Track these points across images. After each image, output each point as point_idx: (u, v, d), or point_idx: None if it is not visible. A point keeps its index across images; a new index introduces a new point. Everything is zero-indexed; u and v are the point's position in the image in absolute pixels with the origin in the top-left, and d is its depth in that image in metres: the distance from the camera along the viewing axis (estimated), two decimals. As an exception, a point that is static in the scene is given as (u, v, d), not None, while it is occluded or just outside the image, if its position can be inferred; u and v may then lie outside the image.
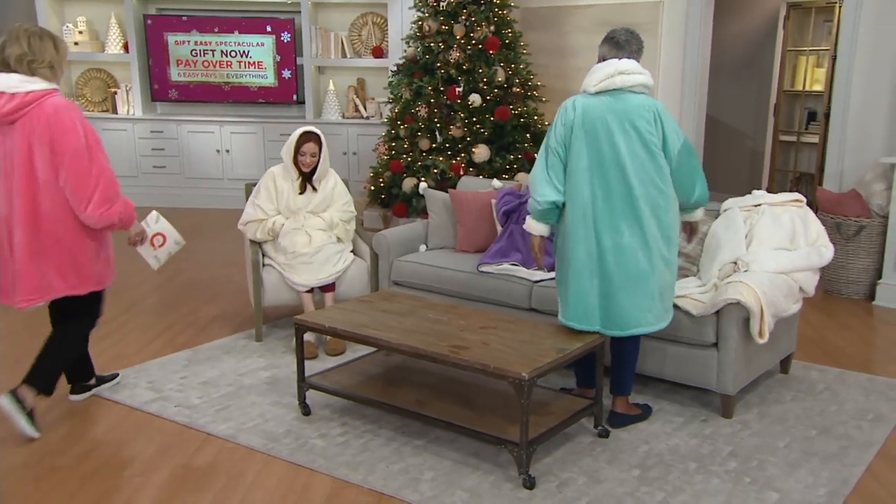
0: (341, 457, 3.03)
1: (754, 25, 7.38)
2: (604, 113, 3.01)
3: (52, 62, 3.10)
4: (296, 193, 4.20)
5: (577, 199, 3.06)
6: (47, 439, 3.15)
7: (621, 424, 3.27)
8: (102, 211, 3.10)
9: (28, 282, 3.09)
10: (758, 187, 7.15)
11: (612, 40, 3.12)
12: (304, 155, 4.14)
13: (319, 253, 4.14)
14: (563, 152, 3.08)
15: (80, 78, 7.92)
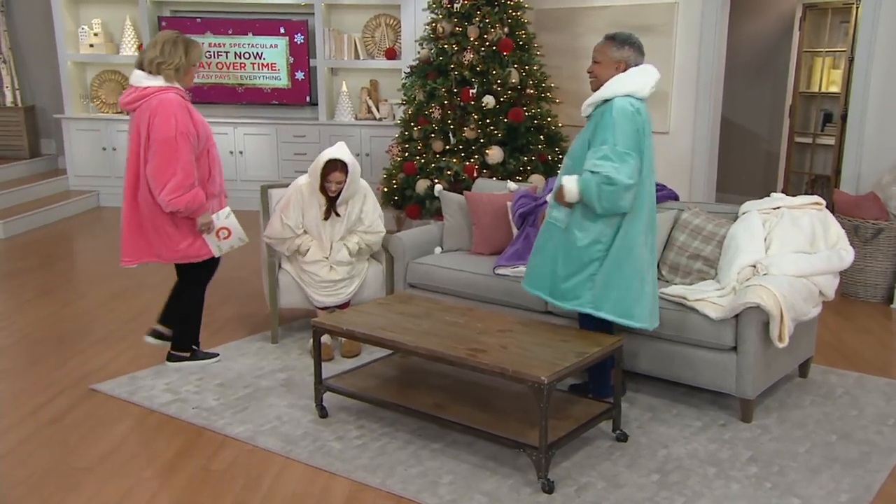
0: (359, 460, 3.03)
1: (769, 26, 7.34)
2: (647, 117, 3.16)
3: (179, 66, 3.59)
4: (321, 218, 4.08)
5: (643, 200, 3.14)
6: (67, 441, 3.17)
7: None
8: (173, 197, 3.53)
9: (126, 246, 3.76)
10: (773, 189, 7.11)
11: (635, 45, 3.17)
12: (329, 183, 3.98)
13: (341, 281, 4.12)
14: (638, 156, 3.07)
15: (95, 80, 7.96)
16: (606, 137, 3.05)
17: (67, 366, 3.92)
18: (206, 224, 3.68)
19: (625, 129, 3.04)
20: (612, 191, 3.01)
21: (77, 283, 5.39)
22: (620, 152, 3.02)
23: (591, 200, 3.07)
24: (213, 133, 3.76)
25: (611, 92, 3.10)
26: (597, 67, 3.20)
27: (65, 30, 7.68)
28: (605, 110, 3.10)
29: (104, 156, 7.84)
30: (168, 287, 5.27)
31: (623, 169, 3.01)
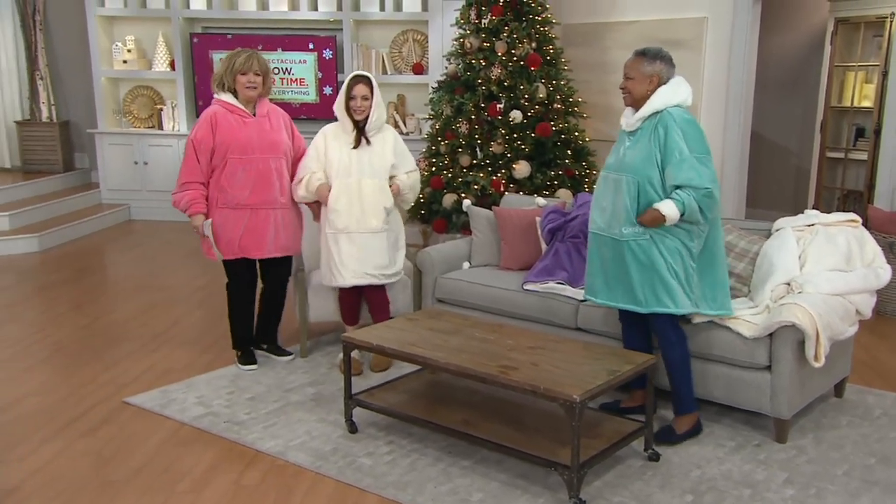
0: (389, 476, 3.02)
1: (800, 40, 7.28)
2: None
3: (219, 77, 3.87)
4: (349, 148, 3.89)
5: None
6: (102, 453, 3.20)
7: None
8: (174, 194, 3.89)
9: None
10: (803, 205, 7.02)
11: (666, 59, 3.22)
12: (354, 98, 3.82)
13: (369, 238, 3.88)
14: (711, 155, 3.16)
15: (128, 95, 8.09)
16: (682, 148, 3.06)
17: (100, 379, 3.96)
18: (195, 227, 3.88)
19: (694, 135, 3.09)
20: (712, 203, 3.08)
21: (109, 296, 5.46)
22: (701, 158, 3.07)
23: (695, 217, 3.08)
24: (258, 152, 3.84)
25: (662, 103, 3.12)
26: (630, 83, 3.20)
27: (99, 47, 7.83)
28: (662, 123, 3.10)
29: (135, 170, 7.96)
30: (198, 299, 5.34)
31: (709, 175, 3.07)
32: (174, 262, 6.44)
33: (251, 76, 3.80)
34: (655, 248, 3.13)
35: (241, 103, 3.86)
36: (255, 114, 3.89)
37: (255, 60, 3.81)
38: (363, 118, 3.89)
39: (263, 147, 3.85)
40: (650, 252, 3.14)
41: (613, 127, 6.51)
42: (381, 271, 3.96)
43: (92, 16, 7.75)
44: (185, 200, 3.82)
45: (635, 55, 3.23)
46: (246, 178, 3.82)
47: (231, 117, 3.83)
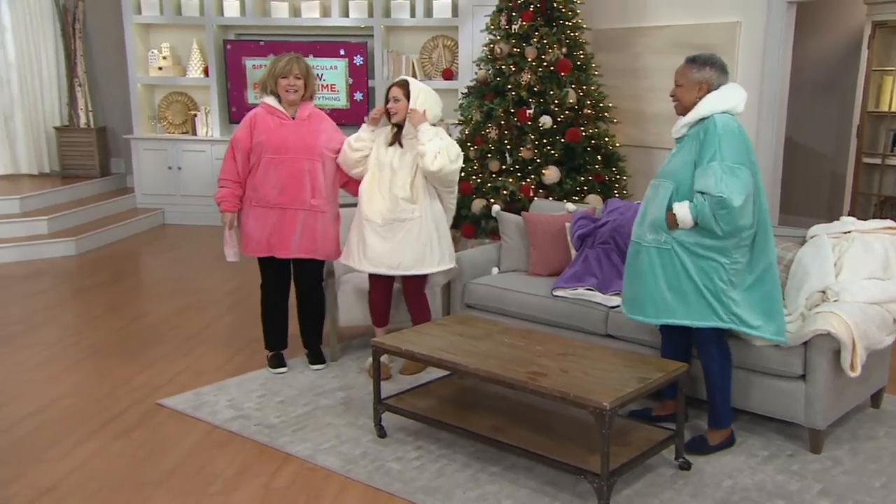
0: (418, 481, 3.03)
1: (836, 44, 7.16)
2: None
3: (263, 81, 3.99)
4: (386, 144, 3.93)
5: (767, 212, 3.12)
6: (136, 454, 3.25)
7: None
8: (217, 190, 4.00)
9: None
10: (839, 211, 6.89)
11: (717, 65, 3.15)
12: (388, 101, 3.90)
13: (397, 229, 3.83)
14: (750, 169, 3.03)
15: (163, 101, 8.23)
16: (714, 154, 2.99)
17: (135, 380, 4.02)
18: (225, 220, 3.99)
19: (731, 143, 2.99)
20: (726, 213, 2.94)
21: (143, 299, 5.55)
22: (731, 167, 2.96)
23: (708, 225, 2.99)
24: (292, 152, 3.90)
25: (708, 109, 3.06)
26: (679, 90, 3.15)
27: (136, 54, 7.98)
28: (704, 128, 3.05)
29: (169, 175, 8.08)
30: (230, 302, 5.41)
31: (735, 185, 2.94)
32: (206, 265, 6.52)
33: (291, 79, 3.87)
34: (677, 259, 3.07)
35: (283, 106, 3.92)
36: (294, 117, 3.94)
37: (294, 64, 3.88)
38: (399, 121, 3.89)
39: (298, 148, 3.89)
40: (671, 262, 3.09)
41: (644, 132, 6.52)
42: (410, 260, 3.86)
43: (129, 23, 7.90)
44: (218, 197, 3.97)
45: (686, 62, 3.18)
46: (276, 177, 3.88)
47: (270, 119, 3.91)
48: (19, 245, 6.56)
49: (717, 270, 3.05)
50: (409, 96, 3.86)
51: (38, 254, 6.59)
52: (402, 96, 3.86)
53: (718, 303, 3.06)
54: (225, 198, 3.95)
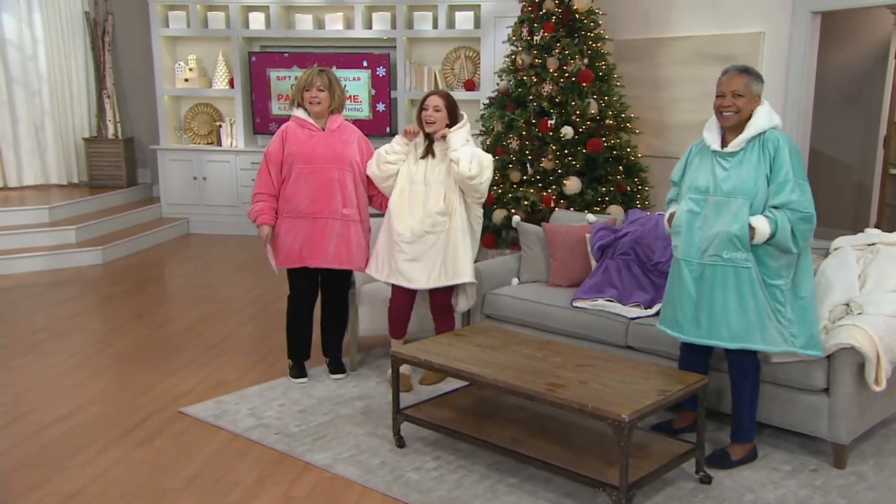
0: (436, 492, 3.03)
1: (862, 55, 7.08)
2: None
3: (295, 95, 4.05)
4: (417, 157, 3.92)
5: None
6: (157, 461, 3.28)
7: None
8: (251, 207, 4.05)
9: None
10: (864, 222, 6.80)
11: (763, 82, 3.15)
12: (426, 109, 3.85)
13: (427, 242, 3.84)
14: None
15: (189, 112, 8.35)
16: (790, 169, 3.00)
17: (158, 388, 4.07)
18: (263, 235, 4.01)
19: (798, 160, 3.05)
20: (809, 229, 3.01)
21: (167, 307, 5.62)
22: (801, 183, 3.01)
23: (785, 240, 2.98)
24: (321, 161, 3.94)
25: (764, 125, 3.06)
26: (742, 101, 3.07)
27: (163, 66, 8.11)
28: (770, 142, 3.03)
29: (195, 185, 8.19)
30: (251, 312, 5.46)
31: (811, 201, 3.02)
32: (229, 274, 6.59)
33: (314, 91, 3.92)
34: (755, 279, 3.02)
35: (311, 118, 3.97)
36: (324, 128, 3.98)
37: (315, 77, 3.94)
38: (435, 131, 3.88)
39: (328, 158, 3.94)
40: (748, 281, 3.03)
41: (666, 143, 6.49)
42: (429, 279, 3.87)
43: (156, 36, 8.04)
44: (255, 211, 4.00)
45: (738, 72, 3.09)
46: (307, 186, 3.93)
47: (301, 131, 3.97)
48: (48, 254, 6.68)
49: (775, 292, 3.05)
50: (449, 110, 3.86)
51: (65, 262, 6.70)
52: (443, 107, 3.85)
53: (781, 325, 3.05)
54: (262, 211, 3.97)
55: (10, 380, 4.19)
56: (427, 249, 3.87)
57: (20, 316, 5.37)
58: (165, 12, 8.10)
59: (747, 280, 3.03)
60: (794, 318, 3.06)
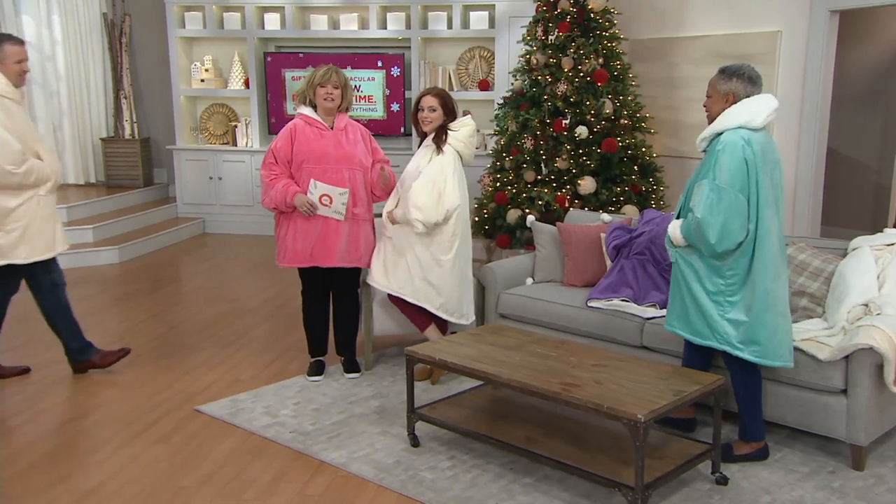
0: (450, 491, 3.02)
1: (880, 54, 7.01)
2: (767, 147, 3.05)
3: (301, 92, 4.00)
4: (426, 160, 3.97)
5: (769, 234, 3.02)
6: (174, 459, 3.30)
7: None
8: (263, 201, 4.00)
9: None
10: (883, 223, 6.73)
11: (744, 76, 3.09)
12: (422, 110, 3.93)
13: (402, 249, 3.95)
14: (745, 192, 2.98)
15: (204, 112, 8.39)
16: (708, 172, 3.02)
17: (174, 387, 4.09)
18: (303, 204, 3.87)
19: (726, 164, 2.96)
20: (696, 233, 3.01)
21: (183, 306, 5.65)
22: (717, 186, 2.96)
23: (694, 243, 3.06)
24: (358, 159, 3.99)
25: (722, 125, 3.05)
26: (709, 101, 3.16)
27: (179, 67, 8.16)
28: (715, 144, 3.05)
29: (210, 185, 8.23)
30: (266, 311, 5.48)
31: (715, 206, 2.94)
32: (244, 274, 6.62)
33: (329, 88, 3.91)
34: (680, 274, 3.16)
35: (320, 116, 3.97)
36: (332, 127, 3.98)
37: (333, 74, 3.93)
38: (432, 130, 3.93)
39: (339, 158, 3.94)
40: (676, 275, 3.19)
41: (681, 143, 6.45)
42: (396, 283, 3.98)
43: (173, 37, 8.09)
44: (279, 191, 3.88)
45: (717, 72, 3.18)
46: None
47: (309, 129, 3.96)
48: (65, 253, 6.69)
49: (712, 290, 3.07)
50: (445, 107, 3.91)
51: (83, 261, 6.76)
52: (438, 106, 3.91)
53: (712, 321, 3.08)
54: (286, 185, 3.88)
55: (28, 377, 4.23)
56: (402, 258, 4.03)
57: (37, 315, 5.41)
58: (182, 13, 8.14)
59: (677, 275, 3.18)
60: (735, 319, 3.04)
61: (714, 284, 3.06)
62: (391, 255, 4.00)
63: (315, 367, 4.20)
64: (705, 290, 3.08)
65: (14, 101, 3.90)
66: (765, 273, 3.01)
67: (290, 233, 3.98)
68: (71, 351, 4.22)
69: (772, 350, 3.05)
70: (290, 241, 3.99)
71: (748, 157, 2.96)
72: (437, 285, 3.96)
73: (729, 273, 3.04)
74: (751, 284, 3.02)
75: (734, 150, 2.96)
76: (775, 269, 3.03)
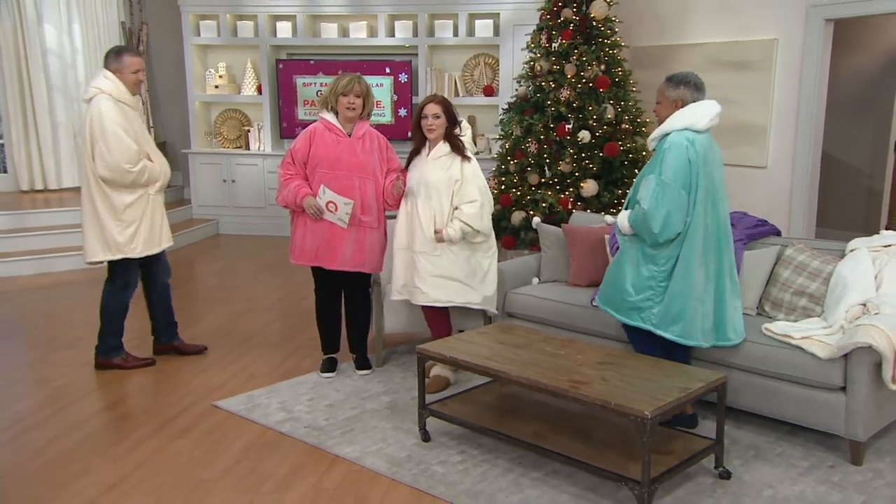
0: (461, 485, 3.01)
1: (872, 61, 6.99)
2: (709, 148, 3.24)
3: (324, 98, 4.01)
4: (423, 166, 3.89)
5: (698, 228, 3.20)
6: (193, 453, 3.29)
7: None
8: (277, 199, 4.02)
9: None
10: (875, 224, 6.72)
11: (690, 84, 3.30)
12: (426, 118, 3.84)
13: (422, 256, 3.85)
14: (687, 188, 3.17)
15: (219, 117, 8.39)
16: (655, 169, 3.21)
17: (192, 383, 4.08)
18: (311, 207, 3.87)
19: (671, 163, 3.16)
20: (641, 224, 3.20)
21: (198, 305, 5.64)
22: (662, 182, 3.16)
23: (639, 233, 3.25)
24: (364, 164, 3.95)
25: (669, 127, 3.24)
26: (658, 107, 3.37)
27: (194, 73, 8.16)
28: (662, 144, 3.25)
29: (224, 187, 8.23)
30: (279, 310, 5.47)
31: (660, 199, 3.14)
32: (257, 273, 6.61)
33: (351, 97, 3.89)
34: (623, 259, 3.36)
35: (340, 123, 3.95)
36: (350, 134, 3.97)
37: (356, 83, 3.91)
38: (436, 138, 3.89)
39: (351, 165, 3.92)
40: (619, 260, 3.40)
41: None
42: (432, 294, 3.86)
43: (188, 45, 8.08)
44: (291, 191, 3.89)
45: (664, 80, 3.35)
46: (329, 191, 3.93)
47: (328, 135, 3.95)
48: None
49: (646, 276, 3.27)
50: (448, 114, 3.88)
51: (102, 261, 6.74)
52: (442, 113, 3.86)
53: (640, 303, 3.29)
54: (299, 186, 3.88)
55: (53, 373, 4.23)
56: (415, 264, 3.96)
57: (61, 312, 5.42)
58: (197, 22, 8.14)
59: (619, 259, 3.39)
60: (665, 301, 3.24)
61: (648, 270, 3.27)
62: (431, 268, 3.86)
63: (328, 363, 4.19)
64: (640, 276, 3.29)
65: (131, 107, 4.10)
66: (691, 262, 3.21)
67: (301, 231, 3.99)
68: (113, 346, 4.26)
69: (689, 331, 3.24)
70: (299, 239, 4.00)
71: (691, 157, 3.16)
72: (486, 283, 3.97)
73: (662, 261, 3.24)
74: (677, 272, 3.22)
75: (679, 150, 3.16)
76: (699, 259, 3.22)
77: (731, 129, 6.06)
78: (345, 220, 3.92)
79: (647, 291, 3.27)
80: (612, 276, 3.43)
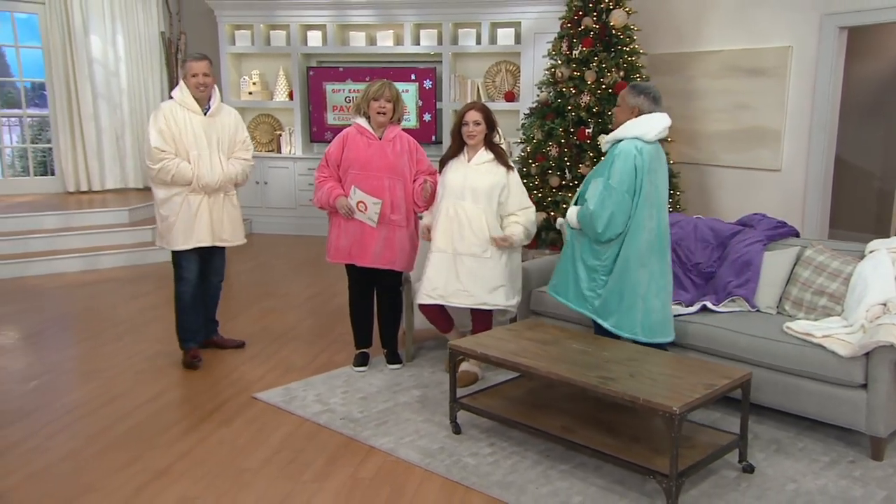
0: (492, 476, 2.99)
1: (884, 68, 6.86)
2: (655, 158, 3.33)
3: (356, 104, 4.01)
4: (465, 169, 3.85)
5: (640, 227, 3.30)
6: (235, 442, 3.30)
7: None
8: (313, 200, 4.09)
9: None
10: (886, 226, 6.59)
11: (650, 95, 3.37)
12: (467, 124, 3.81)
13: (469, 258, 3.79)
14: (632, 193, 3.26)
15: (252, 122, 8.41)
16: (604, 172, 3.31)
17: (232, 375, 4.09)
18: (343, 207, 3.90)
19: (620, 168, 3.25)
20: (587, 222, 3.31)
21: (234, 302, 5.65)
22: (609, 185, 3.26)
23: (585, 229, 3.37)
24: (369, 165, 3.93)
25: (622, 134, 3.32)
26: (617, 110, 3.43)
27: (230, 80, 8.18)
28: (614, 149, 3.33)
29: (257, 189, 8.25)
30: (311, 306, 5.47)
31: (606, 201, 3.24)
32: (289, 271, 6.62)
33: (382, 102, 3.89)
34: (570, 250, 3.50)
35: (371, 127, 3.95)
36: (381, 138, 3.96)
37: (386, 89, 3.91)
38: (476, 143, 3.87)
39: (381, 167, 3.92)
40: (567, 252, 3.53)
41: (697, 150, 6.36)
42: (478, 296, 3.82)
43: (224, 53, 8.11)
44: (325, 192, 3.94)
45: (628, 86, 3.43)
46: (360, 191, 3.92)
47: (360, 138, 3.96)
48: (127, 252, 6.78)
49: (590, 267, 3.39)
50: (487, 121, 3.86)
51: (143, 259, 6.80)
52: (482, 120, 3.85)
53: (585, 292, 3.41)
54: (332, 188, 3.92)
55: (100, 366, 4.25)
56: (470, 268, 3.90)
57: (106, 308, 5.46)
58: (232, 31, 8.17)
59: (567, 251, 3.54)
60: (605, 293, 3.37)
61: (592, 263, 3.39)
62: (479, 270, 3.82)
63: (360, 358, 4.18)
64: (585, 267, 3.42)
65: (189, 109, 4.06)
66: (631, 261, 3.31)
67: (336, 231, 4.00)
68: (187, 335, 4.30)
69: (626, 324, 3.35)
70: (335, 238, 4.00)
71: (638, 165, 3.26)
72: (516, 283, 3.99)
73: (604, 257, 3.37)
74: (618, 268, 3.33)
75: (627, 158, 3.25)
76: (641, 260, 3.32)
77: (747, 133, 5.97)
78: (374, 220, 3.91)
79: (590, 282, 3.40)
80: (562, 266, 3.57)
